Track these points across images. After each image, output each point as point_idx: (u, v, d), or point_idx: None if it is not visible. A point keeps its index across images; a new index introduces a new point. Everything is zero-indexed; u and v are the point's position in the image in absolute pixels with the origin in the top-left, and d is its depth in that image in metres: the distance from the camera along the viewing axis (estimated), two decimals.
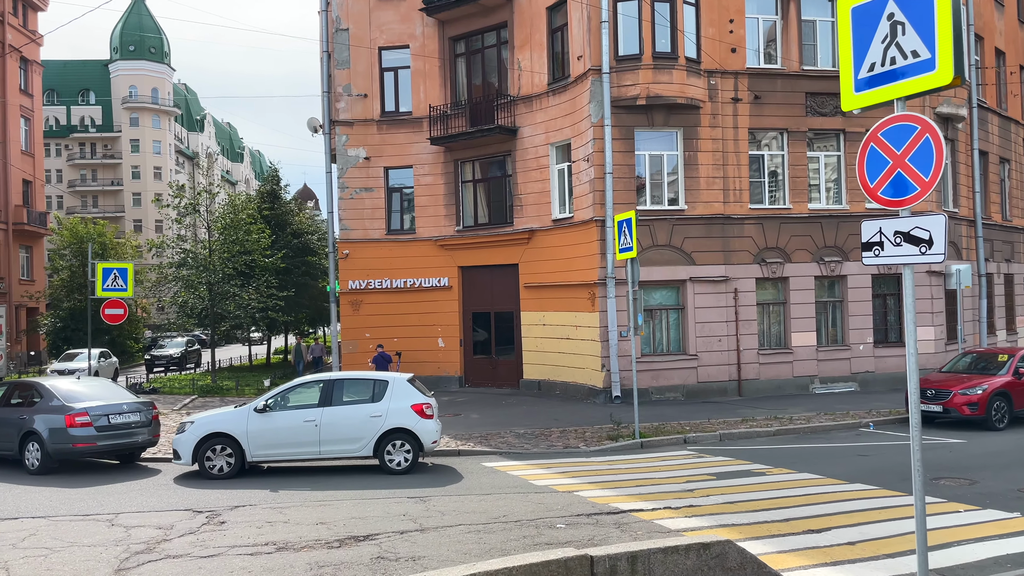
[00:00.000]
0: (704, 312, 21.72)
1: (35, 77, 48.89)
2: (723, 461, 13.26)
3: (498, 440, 15.61)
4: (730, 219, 21.97)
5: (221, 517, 9.48)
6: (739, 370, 21.85)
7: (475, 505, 9.92)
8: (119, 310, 21.61)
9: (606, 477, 11.91)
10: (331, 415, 12.31)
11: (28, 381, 14.27)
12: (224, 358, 41.34)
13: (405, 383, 12.73)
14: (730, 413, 18.68)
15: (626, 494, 10.56)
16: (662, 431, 16.23)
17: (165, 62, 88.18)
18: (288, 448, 12.31)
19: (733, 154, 22.03)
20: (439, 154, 25.61)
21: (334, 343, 26.24)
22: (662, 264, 21.49)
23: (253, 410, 12.37)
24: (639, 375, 20.91)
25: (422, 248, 25.73)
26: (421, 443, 12.39)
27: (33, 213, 46.99)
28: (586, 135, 21.52)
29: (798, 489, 10.85)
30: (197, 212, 28.26)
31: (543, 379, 23.61)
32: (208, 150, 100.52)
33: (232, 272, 28.50)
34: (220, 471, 12.20)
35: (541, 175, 23.58)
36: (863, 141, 6.34)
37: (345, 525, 8.92)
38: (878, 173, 6.20)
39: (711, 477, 11.78)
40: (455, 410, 20.63)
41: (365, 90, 26.12)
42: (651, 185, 21.77)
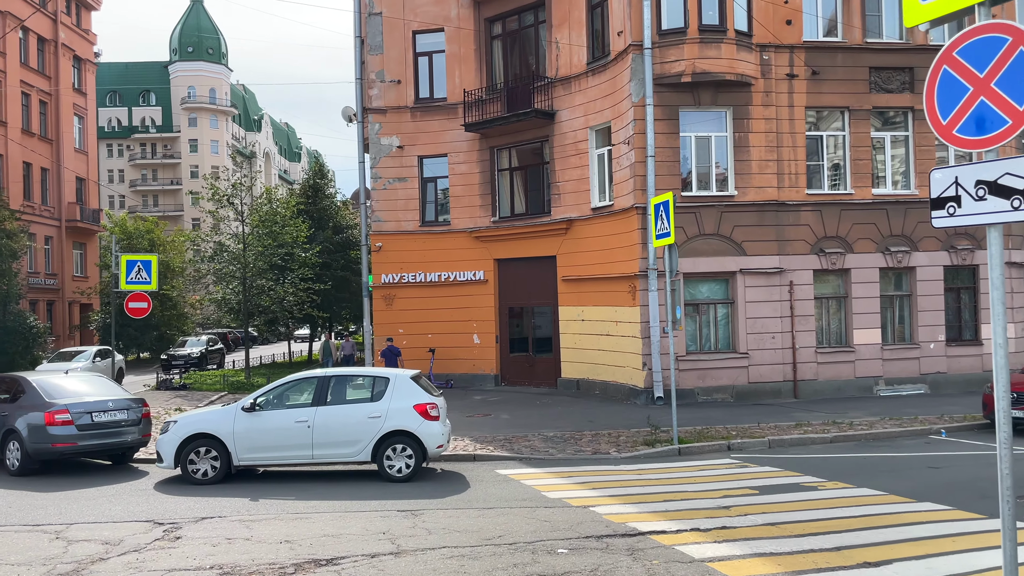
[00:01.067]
0: (756, 307, 19.99)
1: (88, 76, 49.34)
2: (769, 472, 11.67)
3: (522, 444, 14.26)
4: (785, 205, 20.18)
5: (180, 531, 8.37)
6: (794, 370, 20.05)
7: (470, 522, 8.60)
8: (143, 303, 20.93)
9: (631, 490, 10.46)
10: (325, 415, 11.13)
11: (13, 376, 13.46)
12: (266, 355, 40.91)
13: (408, 381, 11.46)
14: (783, 417, 16.98)
15: (649, 511, 9.10)
16: (704, 436, 14.66)
17: (223, 63, 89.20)
18: (278, 451, 11.18)
19: (788, 135, 20.23)
20: (474, 141, 24.37)
21: (366, 339, 25.24)
22: (709, 255, 19.84)
23: (240, 409, 11.26)
24: (684, 375, 19.44)
25: (457, 240, 24.53)
26: (425, 447, 11.10)
27: (86, 210, 47.41)
28: (626, 116, 20.00)
29: (855, 508, 9.23)
30: (231, 204, 27.56)
31: (582, 378, 22.16)
32: (265, 150, 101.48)
33: (266, 266, 27.76)
34: (204, 476, 11.13)
35: (580, 161, 22.13)
36: (933, 65, 4.80)
37: (312, 545, 7.70)
38: (953, 105, 4.68)
39: (752, 491, 10.22)
40: (486, 410, 19.38)
41: (398, 76, 25.04)
42: (697, 169, 20.12)
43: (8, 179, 40.20)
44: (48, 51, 44.90)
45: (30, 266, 41.50)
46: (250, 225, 28.34)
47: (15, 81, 41.13)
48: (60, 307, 44.90)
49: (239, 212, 27.69)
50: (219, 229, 30.09)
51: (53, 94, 44.85)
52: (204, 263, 29.14)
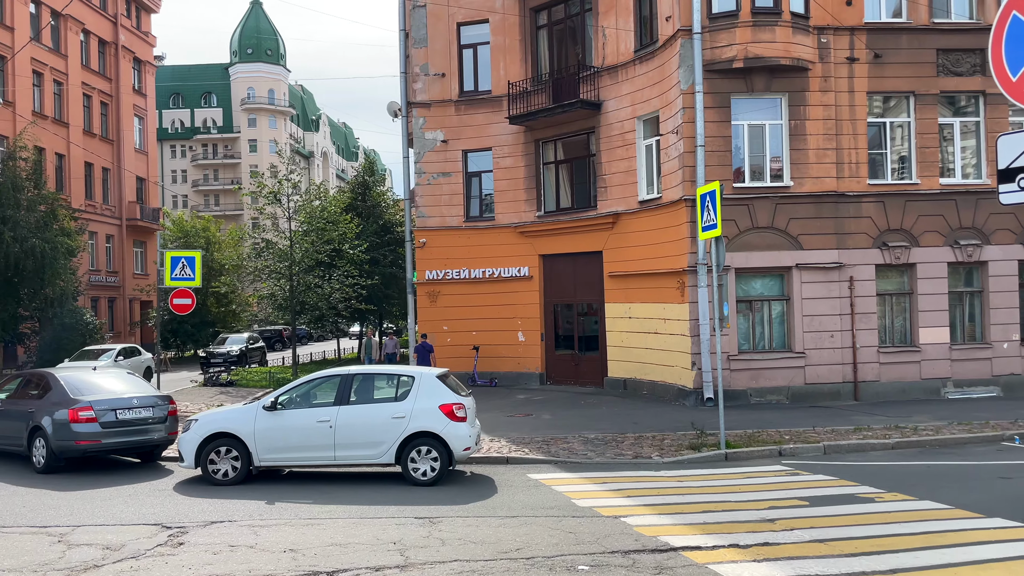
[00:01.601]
0: (813, 303, 18.95)
1: (148, 77, 50.32)
2: (822, 481, 10.81)
3: (560, 446, 13.62)
4: (844, 197, 19.08)
5: (185, 536, 7.99)
6: (855, 370, 18.95)
7: (489, 532, 8.02)
8: (187, 300, 20.91)
9: (669, 498, 9.75)
10: (348, 415, 10.67)
11: (42, 372, 13.37)
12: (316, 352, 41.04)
13: (434, 380, 10.93)
14: (841, 420, 15.98)
15: (686, 523, 8.39)
16: (755, 440, 13.82)
17: (281, 64, 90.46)
18: (299, 452, 10.78)
19: (848, 122, 19.13)
20: (519, 134, 23.78)
21: (411, 336, 24.91)
22: (763, 249, 18.88)
23: (261, 407, 10.89)
24: (736, 375, 18.58)
25: (501, 236, 23.98)
26: (451, 450, 10.56)
27: (146, 209, 48.34)
28: (675, 105, 19.16)
29: (915, 524, 8.36)
30: (278, 202, 27.54)
31: (629, 378, 21.38)
32: (323, 149, 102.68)
33: (312, 263, 27.67)
34: (225, 476, 10.80)
35: (627, 152, 21.35)
36: (1000, 11, 4.03)
37: (316, 555, 7.23)
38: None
39: (802, 503, 9.41)
40: (528, 410, 18.79)
41: (443, 69, 24.60)
42: (750, 159, 19.16)
43: (70, 179, 41.16)
44: (109, 53, 45.88)
45: (92, 264, 42.47)
46: (297, 221, 28.31)
47: (77, 83, 42.08)
48: (121, 304, 45.88)
49: (286, 209, 27.65)
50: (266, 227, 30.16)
51: (114, 95, 45.81)
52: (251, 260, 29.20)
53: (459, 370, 23.88)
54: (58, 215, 30.77)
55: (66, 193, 40.34)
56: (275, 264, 27.43)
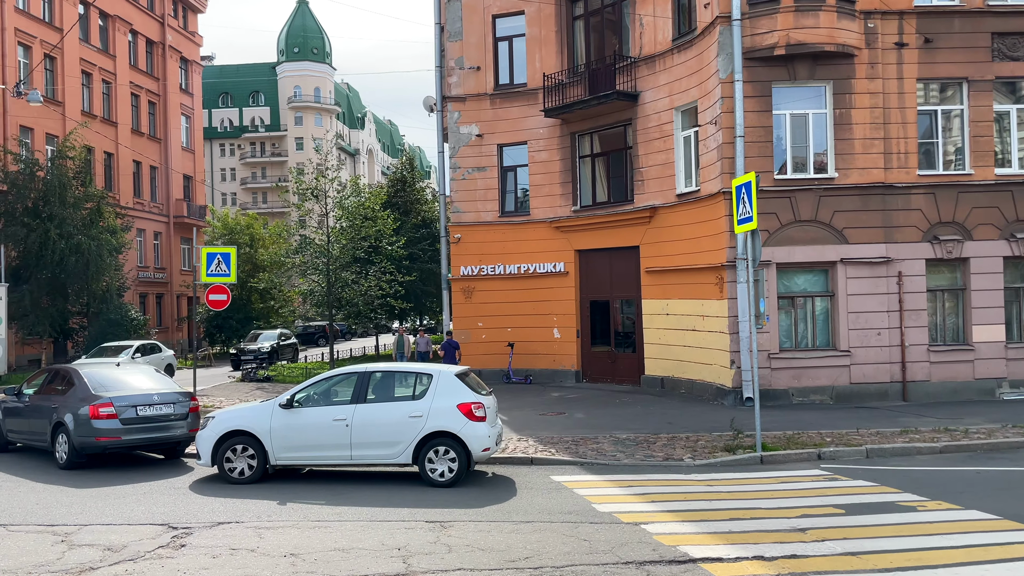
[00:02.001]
0: (859, 300, 18.18)
1: (195, 76, 51.03)
2: (861, 487, 10.22)
3: (589, 447, 13.20)
4: (893, 188, 18.26)
5: (188, 538, 7.79)
6: (903, 370, 18.13)
7: (500, 538, 7.67)
8: (222, 296, 20.95)
9: (696, 504, 9.28)
10: (364, 414, 10.41)
11: (67, 367, 13.40)
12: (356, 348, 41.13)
13: (452, 378, 10.60)
14: (887, 422, 15.25)
15: (709, 531, 7.93)
16: (794, 442, 13.22)
17: (327, 62, 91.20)
18: (315, 451, 10.55)
19: (897, 110, 18.29)
20: (555, 128, 23.35)
21: (445, 333, 24.68)
22: (806, 243, 18.16)
23: (278, 405, 10.69)
24: (777, 374, 17.94)
25: (537, 231, 23.59)
26: (469, 450, 10.22)
27: (193, 207, 49.06)
28: (714, 95, 18.55)
29: (959, 536, 7.78)
30: (316, 198, 27.56)
31: (666, 376, 20.83)
32: (368, 147, 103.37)
33: (349, 259, 27.62)
34: (241, 475, 10.62)
35: (664, 144, 20.77)
36: None
37: (316, 560, 6.96)
38: None
39: (838, 511, 8.86)
40: (560, 408, 18.40)
41: (478, 62, 24.29)
42: (792, 150, 18.45)
43: (119, 177, 41.91)
44: (156, 53, 46.60)
45: (140, 260, 43.24)
46: (335, 218, 28.30)
47: (125, 83, 42.81)
48: (168, 300, 46.65)
49: (323, 205, 27.66)
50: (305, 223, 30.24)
51: (161, 95, 46.53)
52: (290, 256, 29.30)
53: (494, 367, 23.66)
54: (103, 213, 31.28)
55: (115, 191, 41.14)
56: (312, 260, 27.45)
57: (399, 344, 22.63)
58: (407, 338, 22.58)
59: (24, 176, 29.38)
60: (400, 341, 22.63)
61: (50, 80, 37.39)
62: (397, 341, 22.89)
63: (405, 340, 22.50)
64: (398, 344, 22.72)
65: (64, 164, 30.34)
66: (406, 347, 22.55)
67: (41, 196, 29.36)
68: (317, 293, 27.65)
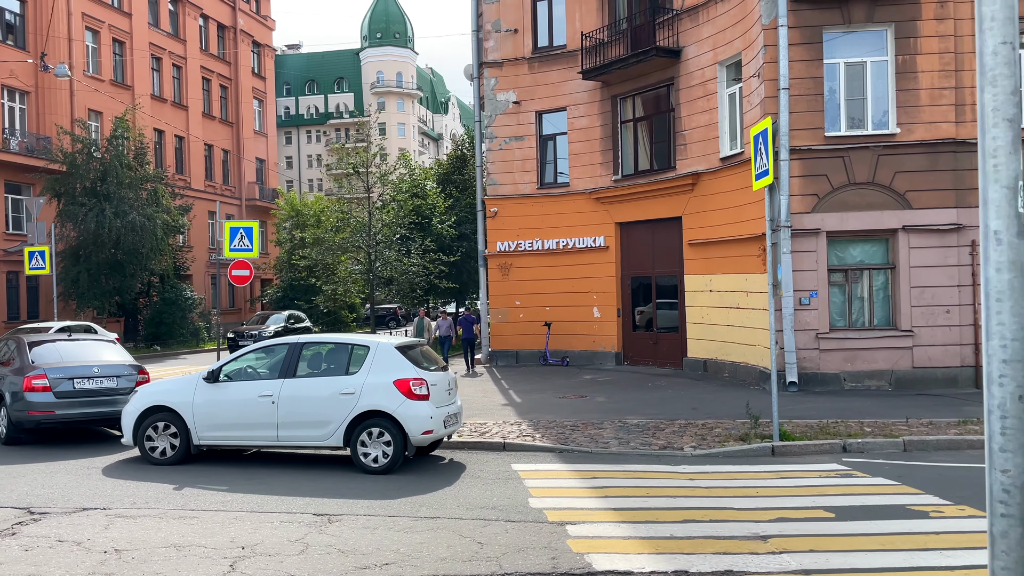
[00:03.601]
0: (924, 273, 15.96)
1: (267, 61, 51.45)
2: (875, 486, 8.46)
3: (584, 433, 11.76)
4: (966, 145, 15.90)
5: (30, 526, 6.89)
6: (976, 353, 15.81)
7: (379, 538, 6.42)
8: (245, 271, 20.44)
9: (653, 501, 7.78)
10: (292, 390, 9.28)
11: (15, 337, 12.84)
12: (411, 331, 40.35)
13: (392, 350, 9.32)
14: (949, 411, 13.17)
15: (643, 535, 6.46)
16: (825, 431, 11.43)
17: (409, 46, 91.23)
18: (240, 431, 9.48)
19: (971, 55, 15.87)
20: (595, 91, 21.74)
21: (482, 312, 23.54)
22: (862, 208, 16.05)
23: (201, 378, 9.70)
24: (826, 356, 16.02)
25: (576, 203, 22.07)
26: (406, 433, 8.96)
27: (266, 190, 49.61)
28: (757, 44, 16.62)
29: (966, 552, 6.05)
30: (358, 174, 26.84)
31: (710, 358, 19.04)
32: (452, 131, 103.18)
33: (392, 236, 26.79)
34: (163, 455, 9.66)
35: (707, 104, 18.91)
36: None
37: (134, 559, 5.92)
38: None
39: (827, 514, 7.20)
40: (584, 391, 16.96)
41: (515, 25, 22.90)
42: (846, 104, 16.32)
43: (190, 160, 42.58)
44: (228, 37, 47.10)
45: (211, 242, 43.90)
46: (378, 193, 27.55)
47: (195, 67, 43.39)
48: None
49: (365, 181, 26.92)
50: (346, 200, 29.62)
51: (233, 79, 47.04)
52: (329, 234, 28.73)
53: (532, 348, 22.42)
54: (159, 193, 31.53)
55: (185, 174, 41.83)
56: (353, 237, 26.76)
57: (419, 328, 21.20)
58: (427, 321, 21.23)
59: (82, 156, 29.82)
60: (420, 325, 21.22)
61: (119, 64, 38.11)
62: (417, 325, 21.45)
63: (426, 324, 21.14)
64: (418, 328, 21.28)
65: (121, 144, 30.66)
66: (426, 331, 21.14)
67: (99, 176, 29.77)
68: (359, 271, 26.94)
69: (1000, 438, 2.18)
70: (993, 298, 2.14)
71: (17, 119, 32.53)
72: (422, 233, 28.19)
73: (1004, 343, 2.09)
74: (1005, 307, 2.07)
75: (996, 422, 2.19)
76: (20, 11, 32.91)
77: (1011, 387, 2.07)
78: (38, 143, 31.71)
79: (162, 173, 33.44)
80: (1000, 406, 2.15)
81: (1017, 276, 2.06)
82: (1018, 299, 2.05)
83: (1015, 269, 2.08)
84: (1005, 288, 2.08)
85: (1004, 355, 2.08)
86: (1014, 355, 2.05)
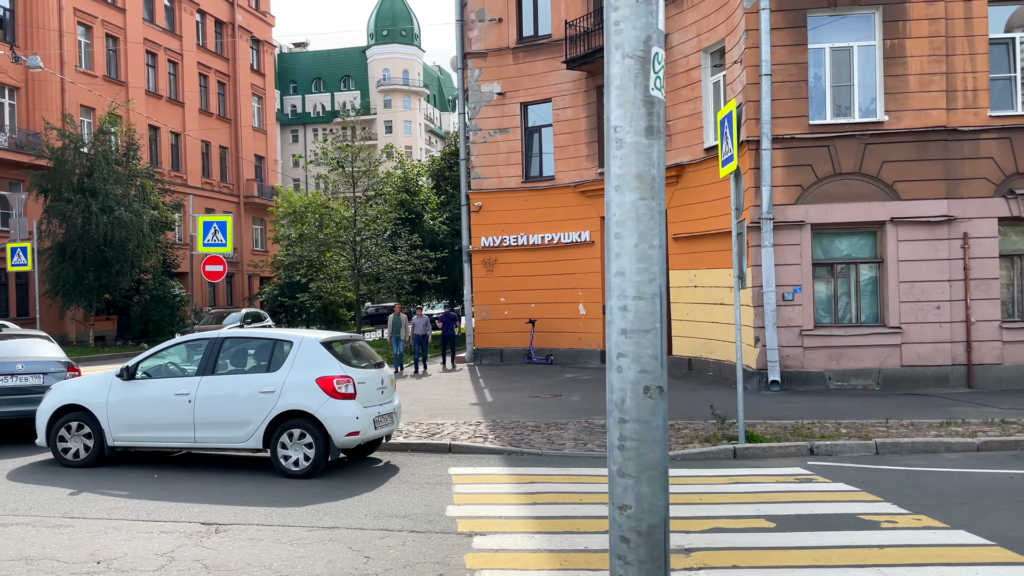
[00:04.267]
0: (913, 267, 15.26)
1: (266, 57, 51.07)
2: (833, 492, 7.84)
3: (544, 434, 11.17)
4: (957, 133, 15.19)
5: None
6: (968, 351, 15.10)
7: (258, 551, 5.88)
8: (219, 267, 19.98)
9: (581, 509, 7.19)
10: (210, 388, 8.72)
11: None
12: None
13: (316, 346, 8.74)
14: (935, 412, 12.50)
15: (552, 547, 5.89)
16: (795, 433, 10.79)
17: (415, 44, 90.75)
18: (156, 431, 8.92)
19: (963, 39, 15.18)
20: (580, 82, 21.13)
21: (466, 308, 23.00)
22: (848, 200, 15.37)
23: (115, 376, 9.17)
24: (811, 354, 15.38)
25: (561, 196, 21.47)
26: (329, 434, 8.39)
27: (265, 187, 49.21)
28: (740, 29, 15.96)
29: (912, 570, 5.42)
30: (341, 167, 26.37)
31: (694, 356, 18.40)
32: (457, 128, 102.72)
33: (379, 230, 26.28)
34: (76, 456, 9.13)
35: (692, 92, 18.26)
36: None
37: None
38: None
39: (767, 524, 6.59)
40: (562, 390, 16.38)
41: (500, 14, 22.31)
42: (832, 90, 15.64)
43: (186, 157, 42.22)
44: (226, 34, 46.73)
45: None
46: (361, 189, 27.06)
47: (192, 63, 43.03)
48: (239, 279, 46.92)
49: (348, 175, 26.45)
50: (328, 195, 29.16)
51: (231, 75, 46.66)
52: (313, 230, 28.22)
53: (516, 346, 21.87)
54: (147, 189, 31.15)
55: (181, 171, 41.49)
56: (337, 232, 26.26)
57: (395, 326, 20.33)
58: (403, 318, 20.48)
59: (69, 152, 29.48)
60: (396, 322, 20.32)
61: (113, 60, 37.81)
62: (392, 322, 20.41)
63: (402, 320, 20.35)
64: (394, 326, 20.41)
65: (108, 140, 30.31)
66: (403, 328, 20.27)
67: (86, 172, 29.42)
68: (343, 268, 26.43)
69: (619, 454, 1.49)
70: (613, 232, 1.53)
71: (7, 115, 32.27)
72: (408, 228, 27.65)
73: (624, 303, 1.48)
74: (626, 246, 1.46)
75: (615, 429, 1.51)
76: (9, 6, 32.66)
77: (632, 373, 1.47)
78: (27, 139, 31.43)
79: (151, 169, 33.07)
80: (620, 403, 1.52)
81: (645, 197, 1.45)
82: (646, 233, 1.44)
83: (643, 187, 1.46)
84: (628, 216, 1.47)
85: (624, 322, 1.47)
86: (638, 322, 1.45)
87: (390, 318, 20.55)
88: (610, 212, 1.51)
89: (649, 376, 1.44)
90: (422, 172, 34.80)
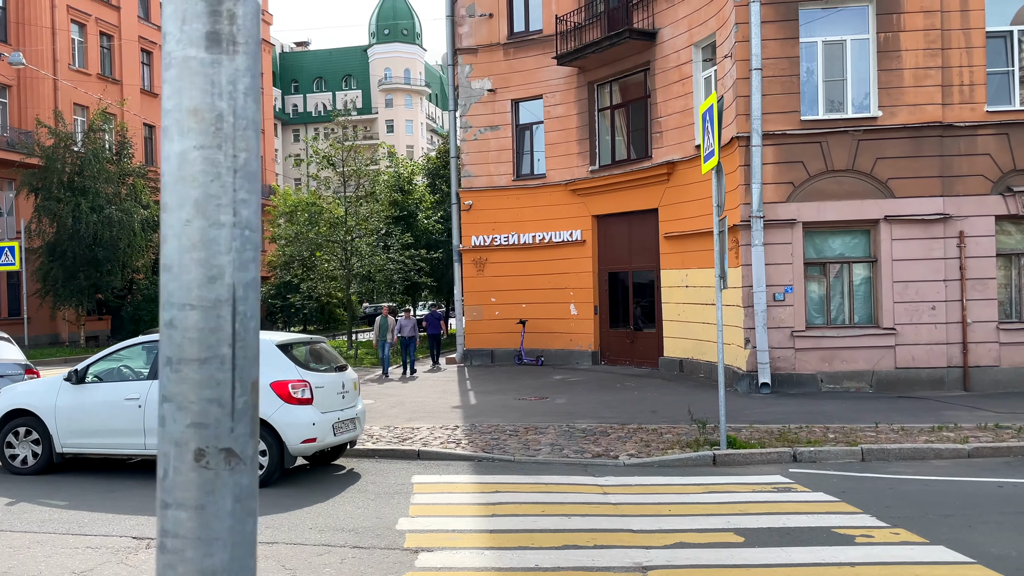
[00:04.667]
0: (908, 266, 14.86)
1: (264, 56, 50.81)
2: (811, 503, 7.46)
3: (524, 438, 10.81)
4: (953, 128, 14.77)
5: None
6: (964, 352, 14.69)
7: None
8: None
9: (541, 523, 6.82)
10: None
11: None
12: None
13: (272, 348, 8.37)
14: (927, 416, 12.10)
15: (505, 567, 5.54)
16: (780, 438, 10.42)
17: (417, 43, 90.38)
18: (104, 437, 8.58)
19: (959, 32, 14.77)
20: (571, 78, 20.75)
21: (457, 309, 22.65)
22: (841, 197, 14.97)
23: (63, 379, 8.82)
24: (803, 355, 14.98)
25: (552, 195, 21.09)
26: (283, 441, 8.03)
27: (263, 187, 48.94)
28: (730, 23, 15.57)
29: None
30: (332, 165, 26.06)
31: (686, 358, 18.01)
32: None
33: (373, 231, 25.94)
34: (24, 463, 8.80)
35: (683, 88, 17.88)
36: None
37: None
38: None
39: (735, 538, 6.22)
40: (548, 392, 16.01)
41: (490, 9, 21.94)
42: (825, 85, 15.25)
43: None
44: None
45: None
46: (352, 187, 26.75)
47: None
48: None
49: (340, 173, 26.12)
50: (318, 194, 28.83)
51: None
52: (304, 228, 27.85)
53: (507, 347, 21.51)
54: (138, 187, 30.88)
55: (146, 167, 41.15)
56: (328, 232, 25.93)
57: (382, 327, 19.79)
58: (390, 320, 20.00)
59: (60, 150, 29.20)
60: (383, 324, 19.79)
61: (107, 58, 37.55)
62: (379, 325, 19.73)
63: (389, 322, 19.84)
64: (381, 327, 19.77)
65: (98, 138, 30.02)
66: (389, 332, 19.72)
67: (76, 170, 29.15)
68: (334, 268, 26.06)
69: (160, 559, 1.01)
70: (163, 202, 1.17)
71: None
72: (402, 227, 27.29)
73: (171, 314, 1.12)
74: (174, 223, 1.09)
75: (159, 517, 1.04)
76: (2, 3, 32.40)
77: (178, 428, 1.08)
78: (19, 138, 31.17)
79: (145, 168, 32.78)
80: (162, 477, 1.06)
81: (207, 146, 1.09)
82: (205, 204, 1.08)
83: (203, 129, 1.09)
84: (177, 177, 1.09)
85: (170, 345, 1.09)
86: (187, 345, 1.09)
87: (377, 320, 20.11)
88: (163, 171, 1.16)
89: (206, 433, 1.06)
90: (417, 171, 34.43)
